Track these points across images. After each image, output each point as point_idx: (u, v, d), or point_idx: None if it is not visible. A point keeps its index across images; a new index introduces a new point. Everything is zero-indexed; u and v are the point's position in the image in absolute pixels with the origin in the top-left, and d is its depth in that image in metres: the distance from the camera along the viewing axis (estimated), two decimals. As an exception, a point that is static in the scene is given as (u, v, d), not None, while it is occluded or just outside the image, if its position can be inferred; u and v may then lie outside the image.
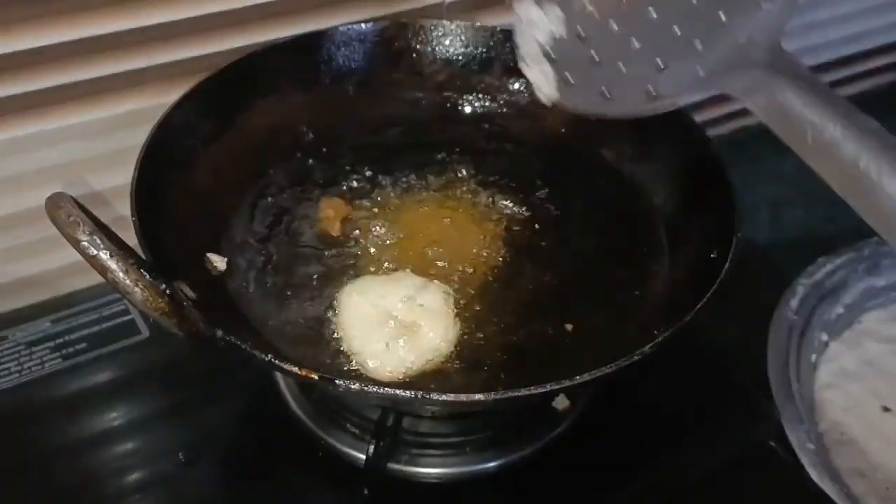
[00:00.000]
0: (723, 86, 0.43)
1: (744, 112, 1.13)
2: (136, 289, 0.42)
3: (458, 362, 0.59)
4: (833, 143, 0.37)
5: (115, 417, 0.71)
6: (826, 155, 0.37)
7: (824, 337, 0.86)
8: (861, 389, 0.82)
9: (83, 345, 0.76)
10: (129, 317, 0.78)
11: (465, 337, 0.61)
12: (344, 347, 0.59)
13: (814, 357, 0.84)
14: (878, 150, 0.36)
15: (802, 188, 1.06)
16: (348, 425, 0.68)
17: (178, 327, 0.44)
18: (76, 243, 0.41)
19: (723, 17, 0.47)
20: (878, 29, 1.20)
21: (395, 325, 0.59)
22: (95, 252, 0.41)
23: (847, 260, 0.91)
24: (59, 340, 0.76)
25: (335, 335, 0.60)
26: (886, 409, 0.80)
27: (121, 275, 0.41)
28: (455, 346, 0.60)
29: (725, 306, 0.87)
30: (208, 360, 0.73)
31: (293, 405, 0.70)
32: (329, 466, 0.68)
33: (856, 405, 0.80)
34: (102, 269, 0.41)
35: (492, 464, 0.68)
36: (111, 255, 0.41)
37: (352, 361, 0.58)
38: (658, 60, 0.49)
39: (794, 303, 0.85)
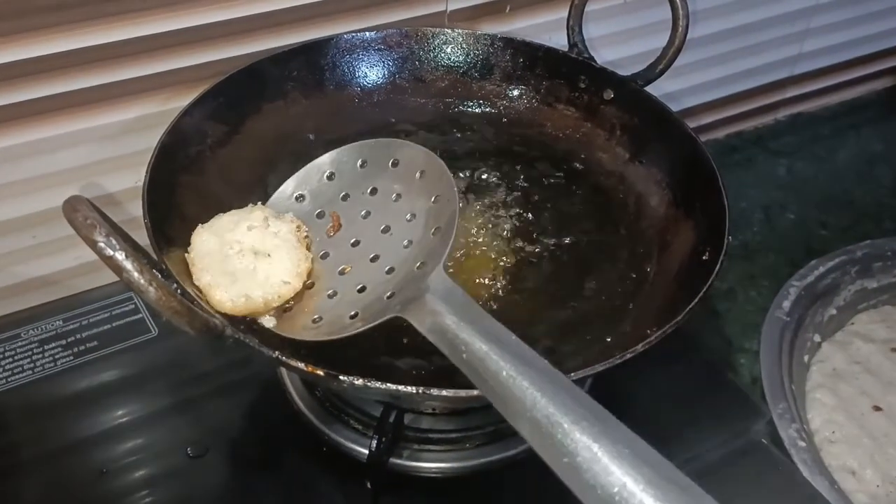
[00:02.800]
0: (402, 313, 0.51)
1: (737, 118, 1.17)
2: (151, 288, 0.43)
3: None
4: (481, 357, 0.44)
5: (125, 413, 0.72)
6: (477, 368, 0.44)
7: (817, 338, 0.88)
8: (852, 389, 0.83)
9: (94, 343, 0.77)
10: (139, 316, 0.80)
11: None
12: (198, 284, 0.56)
13: (806, 357, 0.86)
14: (515, 363, 0.43)
15: (795, 192, 1.09)
16: (351, 421, 0.69)
17: (189, 325, 0.46)
18: (93, 244, 0.43)
19: (406, 243, 0.58)
20: (872, 36, 1.22)
21: (239, 252, 0.57)
22: (112, 253, 0.43)
23: (839, 263, 0.92)
24: (71, 339, 0.77)
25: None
26: (877, 409, 0.82)
27: (136, 275, 0.43)
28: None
29: (720, 307, 0.90)
30: (215, 357, 0.76)
31: (298, 401, 0.71)
32: (333, 461, 0.69)
33: (846, 405, 0.82)
34: (118, 270, 0.43)
35: (491, 458, 0.69)
36: (126, 256, 0.43)
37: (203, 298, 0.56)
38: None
39: (786, 304, 0.87)
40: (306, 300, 0.59)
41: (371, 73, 0.81)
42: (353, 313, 0.56)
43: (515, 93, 0.83)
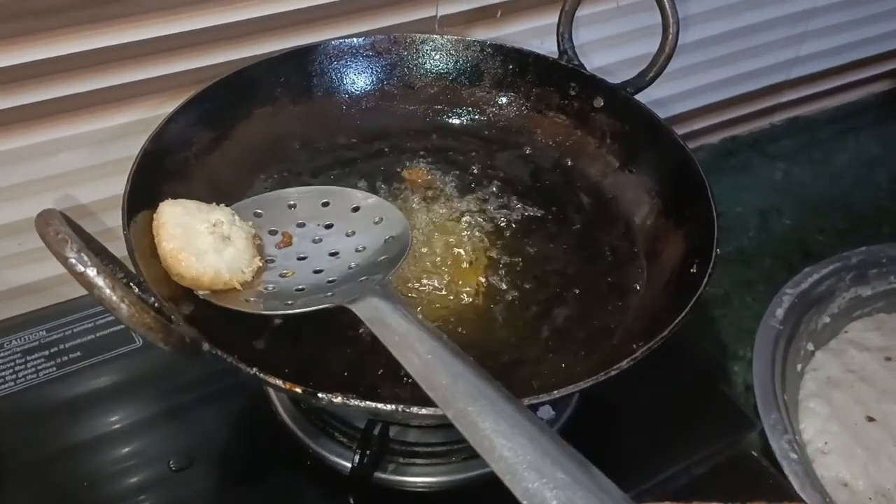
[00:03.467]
0: (345, 303, 0.54)
1: (733, 122, 1.16)
2: (123, 305, 0.43)
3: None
4: (412, 342, 0.48)
5: (108, 425, 0.71)
6: (407, 351, 0.47)
7: (810, 346, 0.87)
8: (845, 398, 0.82)
9: (77, 353, 0.76)
10: (123, 326, 0.79)
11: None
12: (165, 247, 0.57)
13: (800, 366, 0.85)
14: (441, 350, 0.46)
15: (792, 197, 1.08)
16: (336, 434, 0.68)
17: (164, 342, 0.45)
18: (64, 260, 0.42)
19: (352, 265, 0.61)
20: (870, 39, 1.21)
21: (211, 232, 0.59)
22: (83, 269, 0.42)
23: (834, 269, 0.91)
24: (54, 349, 0.76)
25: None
26: (871, 419, 0.81)
27: (108, 291, 0.42)
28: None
29: (715, 312, 0.89)
30: (199, 369, 0.75)
31: (282, 413, 0.71)
32: (318, 475, 0.68)
33: (840, 414, 0.81)
34: (89, 286, 0.42)
35: (478, 472, 0.68)
36: (98, 272, 0.42)
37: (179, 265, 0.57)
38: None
39: (780, 312, 0.85)
40: (243, 289, 0.61)
41: (359, 79, 0.81)
42: (288, 302, 0.58)
43: (505, 100, 0.82)
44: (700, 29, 1.02)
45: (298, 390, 0.49)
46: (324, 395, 0.48)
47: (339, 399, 0.48)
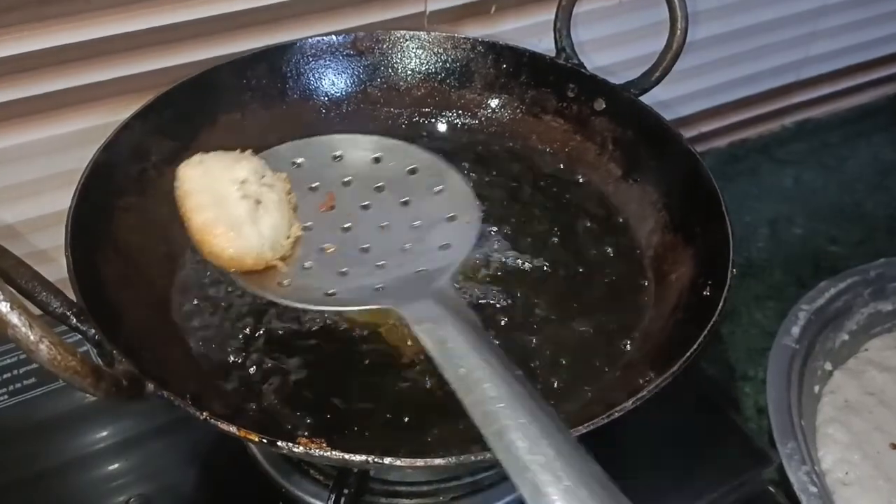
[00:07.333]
0: (395, 305, 0.48)
1: (741, 125, 1.11)
2: (42, 346, 0.37)
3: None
4: (479, 380, 0.42)
5: (64, 457, 0.67)
6: (471, 389, 0.41)
7: (828, 366, 0.83)
8: (866, 424, 0.78)
9: (32, 380, 0.72)
10: (84, 349, 0.73)
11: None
12: (201, 223, 0.52)
13: (817, 388, 0.81)
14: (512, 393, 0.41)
15: (803, 204, 1.05)
16: (312, 471, 0.64)
17: (93, 388, 0.39)
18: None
19: (406, 246, 0.54)
20: (882, 38, 1.18)
21: (243, 196, 0.52)
22: (-7, 305, 0.36)
23: (851, 284, 0.87)
24: (7, 375, 0.72)
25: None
26: (895, 447, 0.76)
27: (23, 330, 0.36)
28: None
29: (723, 330, 0.84)
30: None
31: (254, 448, 0.66)
32: (290, 517, 0.64)
33: (861, 441, 0.76)
34: (2, 324, 0.36)
35: (469, 512, 0.63)
36: (12, 307, 0.36)
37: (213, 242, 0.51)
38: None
39: (795, 330, 0.81)
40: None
41: (339, 80, 0.76)
42: (330, 291, 0.51)
43: (498, 102, 0.78)
44: (705, 27, 0.98)
45: (255, 438, 0.43)
46: (283, 444, 0.43)
47: (300, 449, 0.42)
